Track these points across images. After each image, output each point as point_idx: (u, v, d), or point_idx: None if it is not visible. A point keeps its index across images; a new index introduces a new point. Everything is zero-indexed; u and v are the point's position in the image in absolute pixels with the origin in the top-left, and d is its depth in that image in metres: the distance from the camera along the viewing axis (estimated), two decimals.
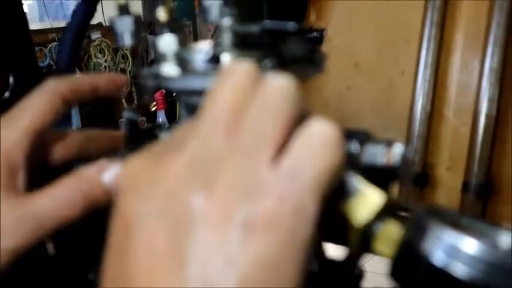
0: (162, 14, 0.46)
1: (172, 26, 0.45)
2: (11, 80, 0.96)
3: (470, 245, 0.29)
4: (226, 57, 0.40)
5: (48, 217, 0.41)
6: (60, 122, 0.48)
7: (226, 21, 0.42)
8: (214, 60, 0.42)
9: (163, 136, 0.46)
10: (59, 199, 0.41)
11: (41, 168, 0.46)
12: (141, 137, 0.48)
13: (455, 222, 0.31)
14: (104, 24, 3.72)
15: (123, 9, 0.48)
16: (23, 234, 0.40)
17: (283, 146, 0.31)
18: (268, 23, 0.42)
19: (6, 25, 0.98)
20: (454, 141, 1.04)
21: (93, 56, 3.57)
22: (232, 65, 0.35)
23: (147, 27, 3.97)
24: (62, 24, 4.27)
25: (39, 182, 0.44)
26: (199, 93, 0.41)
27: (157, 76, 0.43)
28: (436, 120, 1.05)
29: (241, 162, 0.30)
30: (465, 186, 1.02)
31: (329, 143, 0.31)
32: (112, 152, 0.50)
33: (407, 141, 1.08)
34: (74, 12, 0.75)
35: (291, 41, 0.42)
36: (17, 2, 1.00)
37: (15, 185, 0.42)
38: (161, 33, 0.45)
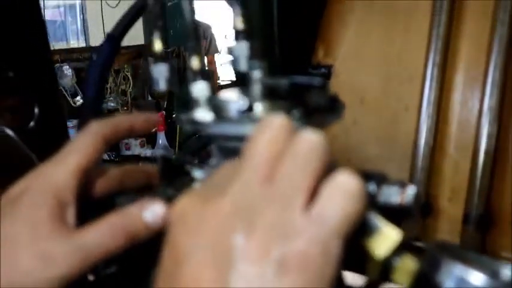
0: (195, 62, 0.51)
1: (204, 73, 0.50)
2: (36, 110, 1.01)
3: (476, 278, 0.34)
4: (258, 107, 0.45)
5: (94, 249, 0.45)
6: None
7: (257, 74, 0.47)
8: (248, 108, 0.46)
9: (195, 173, 0.50)
10: (105, 234, 0.45)
11: (84, 201, 0.50)
12: (173, 172, 0.52)
13: (463, 257, 0.36)
14: None
15: (159, 57, 0.52)
16: (72, 264, 0.44)
17: (313, 193, 0.36)
18: (296, 78, 0.47)
19: (33, 59, 1.03)
20: (455, 174, 1.09)
21: None
22: (270, 119, 0.39)
23: (148, 49, 4.03)
24: (63, 45, 4.31)
25: (84, 214, 0.49)
26: (235, 138, 0.46)
27: (194, 121, 0.48)
28: (438, 154, 1.10)
29: (278, 208, 0.35)
30: (465, 217, 1.07)
31: (352, 193, 0.36)
32: (147, 185, 0.54)
33: (411, 174, 1.13)
34: (100, 49, 0.80)
35: (314, 93, 0.47)
36: (42, 34, 1.06)
37: (65, 220, 0.46)
38: (194, 80, 0.49)
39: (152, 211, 0.46)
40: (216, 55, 4.53)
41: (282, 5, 1.01)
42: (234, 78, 0.52)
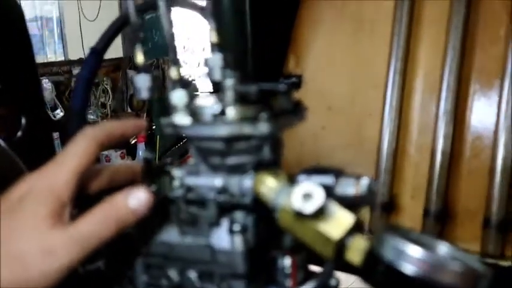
0: (174, 72, 0.55)
1: (183, 82, 0.55)
2: (23, 121, 1.05)
3: (413, 250, 0.39)
4: (230, 111, 0.50)
5: (89, 238, 0.49)
6: None
7: (229, 82, 0.52)
8: (221, 112, 0.51)
9: (175, 172, 0.55)
10: (97, 222, 0.50)
11: (79, 199, 0.54)
12: (155, 171, 0.56)
13: (406, 235, 0.42)
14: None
15: (142, 68, 0.57)
16: (71, 254, 0.48)
17: None
18: (263, 84, 0.52)
19: (18, 70, 1.07)
20: (416, 174, 1.15)
21: None
22: None
23: (127, 62, 4.04)
24: (41, 59, 4.27)
25: (78, 210, 0.53)
26: (209, 139, 0.51)
27: (174, 125, 0.53)
28: (400, 156, 1.16)
29: None
30: (426, 212, 1.13)
31: None
32: (134, 182, 0.58)
33: (376, 175, 1.19)
34: (85, 62, 0.85)
35: (280, 98, 0.52)
36: (28, 48, 1.10)
37: (63, 216, 0.50)
38: (173, 88, 0.54)
39: (136, 197, 0.50)
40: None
41: (255, 19, 1.06)
42: (210, 89, 0.57)
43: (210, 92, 0.58)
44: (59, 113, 3.65)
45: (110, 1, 4.28)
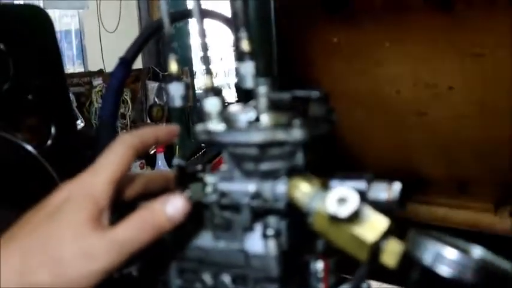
0: (208, 81, 0.57)
1: (215, 90, 0.56)
2: (52, 130, 1.07)
3: (450, 253, 0.40)
4: (264, 117, 0.51)
5: (128, 243, 0.50)
6: None
7: (262, 89, 0.53)
8: (255, 119, 0.52)
9: (208, 178, 0.56)
10: (135, 228, 0.51)
11: (116, 205, 0.55)
12: (187, 179, 0.57)
13: (440, 238, 0.43)
14: (104, 71, 3.82)
15: (174, 77, 0.58)
16: (110, 258, 0.50)
17: None
18: (296, 91, 0.53)
19: (48, 81, 1.10)
20: None
21: (94, 102, 3.64)
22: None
23: (146, 73, 4.09)
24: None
25: (116, 216, 0.54)
26: (243, 145, 0.52)
27: (208, 132, 0.54)
28: None
29: None
30: None
31: None
32: (167, 189, 0.59)
33: None
34: (114, 73, 0.87)
35: (313, 105, 0.53)
36: (57, 60, 1.13)
37: (102, 221, 0.52)
38: (206, 96, 0.55)
39: (174, 205, 0.51)
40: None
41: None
42: (235, 98, 0.58)
43: (232, 102, 0.59)
44: (80, 124, 3.68)
45: (129, 12, 4.34)
